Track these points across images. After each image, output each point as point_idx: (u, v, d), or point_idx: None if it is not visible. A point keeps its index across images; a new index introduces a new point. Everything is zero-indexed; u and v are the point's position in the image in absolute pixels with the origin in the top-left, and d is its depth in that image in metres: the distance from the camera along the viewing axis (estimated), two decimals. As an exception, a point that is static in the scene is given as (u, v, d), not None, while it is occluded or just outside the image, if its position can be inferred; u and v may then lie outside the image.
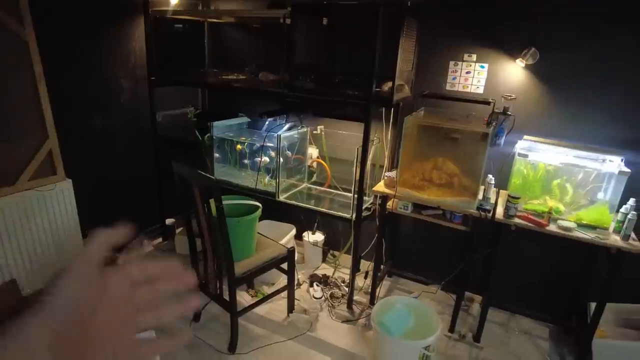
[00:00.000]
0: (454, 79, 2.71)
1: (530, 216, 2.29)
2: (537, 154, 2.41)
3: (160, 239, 3.60)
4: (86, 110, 2.92)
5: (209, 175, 2.14)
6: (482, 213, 2.33)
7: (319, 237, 3.32)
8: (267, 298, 2.62)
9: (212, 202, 2.18)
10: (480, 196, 2.45)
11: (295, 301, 2.80)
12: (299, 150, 3.08)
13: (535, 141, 2.50)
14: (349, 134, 3.02)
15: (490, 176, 2.47)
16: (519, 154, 2.37)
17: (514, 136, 2.56)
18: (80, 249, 0.37)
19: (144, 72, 3.19)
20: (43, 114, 2.57)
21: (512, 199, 2.28)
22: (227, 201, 2.50)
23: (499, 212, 2.37)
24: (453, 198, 2.46)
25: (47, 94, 2.56)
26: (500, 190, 2.61)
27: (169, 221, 3.56)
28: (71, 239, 2.80)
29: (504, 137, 2.55)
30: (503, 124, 2.53)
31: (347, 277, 3.14)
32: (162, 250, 3.47)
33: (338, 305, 2.88)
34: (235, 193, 2.81)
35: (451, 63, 2.69)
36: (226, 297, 2.38)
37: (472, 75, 2.66)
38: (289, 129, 3.04)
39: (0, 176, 2.42)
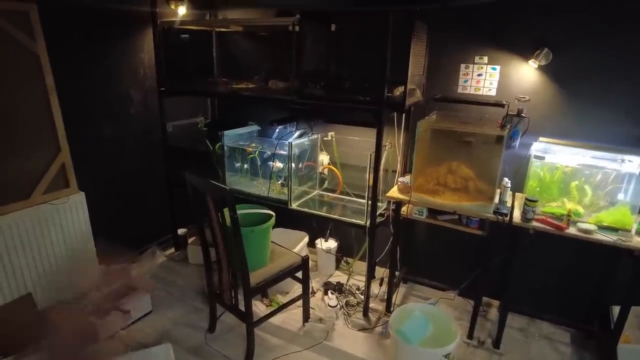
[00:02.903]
0: (465, 81, 2.68)
1: (548, 219, 2.25)
2: (553, 156, 2.37)
3: (172, 249, 3.59)
4: (96, 122, 2.93)
5: (222, 185, 2.12)
6: (500, 217, 2.29)
7: (331, 244, 3.29)
8: (282, 307, 2.59)
9: (226, 211, 2.17)
10: (496, 200, 2.41)
11: (310, 310, 2.77)
12: (309, 157, 3.06)
13: (550, 143, 2.46)
14: (360, 139, 3.00)
15: (506, 179, 2.43)
16: (535, 156, 2.33)
17: (529, 138, 2.52)
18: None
19: (154, 83, 3.20)
20: (55, 127, 2.58)
21: (529, 202, 2.24)
22: (240, 210, 2.48)
23: (516, 215, 2.33)
24: (469, 202, 2.42)
25: (58, 106, 2.57)
26: (516, 193, 2.58)
27: (180, 231, 3.56)
28: (85, 252, 2.80)
29: (518, 139, 2.52)
30: (517, 126, 2.49)
31: (361, 285, 3.11)
32: (175, 261, 3.46)
33: (354, 313, 2.84)
34: (247, 202, 2.79)
35: (462, 66, 2.66)
36: (242, 307, 2.36)
37: (483, 78, 2.63)
38: (300, 136, 3.02)
39: (15, 190, 2.43)
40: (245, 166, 3.18)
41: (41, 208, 2.52)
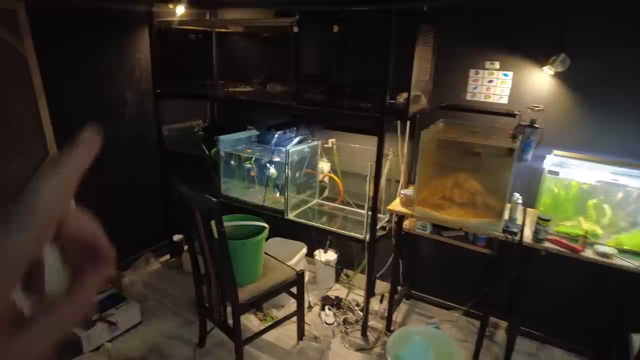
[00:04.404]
0: (475, 88, 2.51)
1: (562, 240, 2.06)
2: (569, 171, 2.18)
3: (167, 256, 3.48)
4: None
5: (208, 196, 1.99)
6: (509, 236, 2.12)
7: (331, 255, 3.14)
8: (276, 324, 2.45)
9: (213, 224, 2.04)
10: (506, 216, 2.23)
11: (306, 326, 2.62)
12: (309, 165, 2.91)
13: (566, 156, 2.28)
14: (363, 147, 2.84)
15: (516, 195, 2.25)
16: (549, 171, 2.15)
17: (542, 151, 2.34)
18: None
19: (149, 85, 3.09)
20: (43, 131, 2.48)
21: (542, 221, 2.06)
22: (231, 222, 2.35)
23: (527, 234, 2.15)
24: (476, 219, 2.25)
25: (47, 110, 2.47)
26: (527, 209, 2.39)
27: (176, 237, 3.44)
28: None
29: (531, 151, 2.33)
30: (530, 138, 2.31)
31: (361, 300, 2.95)
32: (170, 268, 3.35)
33: (352, 331, 2.69)
34: (242, 210, 2.66)
35: (472, 71, 2.49)
36: (231, 323, 2.23)
37: (494, 85, 2.46)
38: (299, 142, 2.88)
39: (1, 197, 2.34)
40: (242, 172, 3.04)
41: (26, 214, 2.42)
